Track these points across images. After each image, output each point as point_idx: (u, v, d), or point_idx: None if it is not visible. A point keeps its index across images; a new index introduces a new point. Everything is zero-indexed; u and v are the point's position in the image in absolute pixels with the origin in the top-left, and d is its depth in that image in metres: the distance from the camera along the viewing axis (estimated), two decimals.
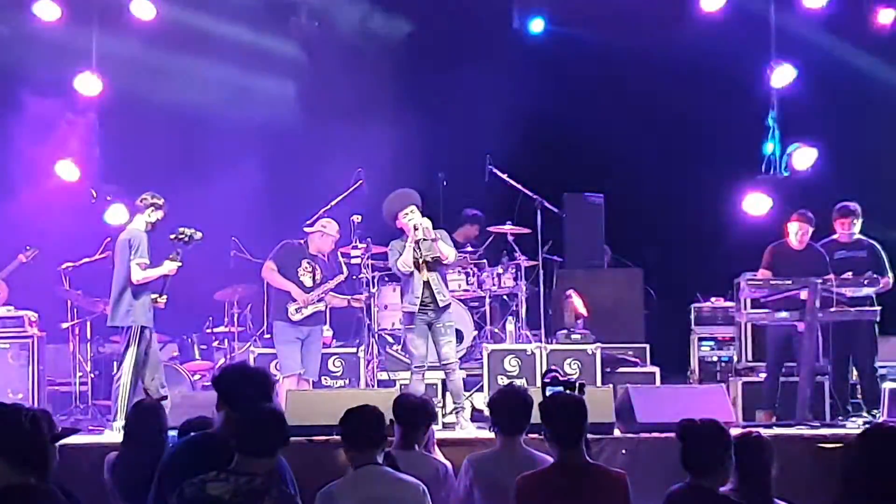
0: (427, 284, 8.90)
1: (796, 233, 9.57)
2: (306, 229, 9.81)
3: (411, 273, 8.88)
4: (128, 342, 9.01)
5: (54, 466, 3.93)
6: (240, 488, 4.27)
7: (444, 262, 8.99)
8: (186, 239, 9.15)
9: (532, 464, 5.26)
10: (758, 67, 11.33)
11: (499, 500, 5.18)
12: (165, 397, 7.71)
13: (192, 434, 5.04)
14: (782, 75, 11.18)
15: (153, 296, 9.10)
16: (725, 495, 4.61)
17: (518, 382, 9.23)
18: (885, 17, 11.18)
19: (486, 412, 5.82)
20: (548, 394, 5.37)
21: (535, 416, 5.43)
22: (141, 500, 5.10)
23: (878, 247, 9.70)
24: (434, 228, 9.00)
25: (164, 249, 9.17)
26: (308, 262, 9.75)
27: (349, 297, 10.17)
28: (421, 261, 8.88)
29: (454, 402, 9.04)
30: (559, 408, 5.04)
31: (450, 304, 9.13)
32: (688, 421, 4.71)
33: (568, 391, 5.41)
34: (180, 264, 9.16)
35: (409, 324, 9.02)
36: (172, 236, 9.15)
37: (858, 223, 9.74)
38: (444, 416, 9.18)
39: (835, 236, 9.80)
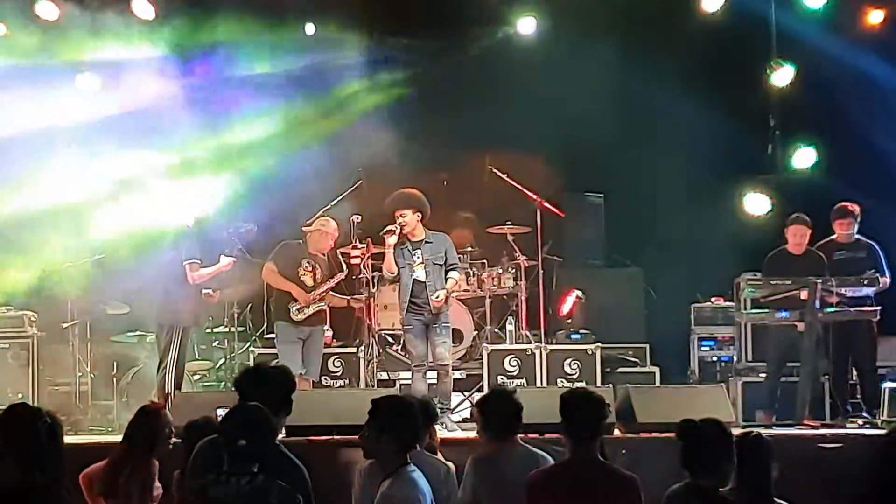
0: (423, 286, 8.97)
1: (794, 237, 9.59)
2: (304, 229, 9.81)
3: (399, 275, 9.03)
4: (170, 340, 9.01)
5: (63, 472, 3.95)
6: (242, 489, 4.26)
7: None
8: (242, 233, 9.19)
9: (535, 461, 5.26)
10: (758, 67, 11.32)
11: (504, 500, 5.18)
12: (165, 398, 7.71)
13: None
14: (782, 75, 11.18)
15: (204, 291, 9.14)
16: (725, 495, 4.60)
17: (517, 383, 9.24)
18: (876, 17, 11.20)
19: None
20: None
21: (529, 417, 5.47)
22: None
23: (878, 247, 9.70)
24: (432, 230, 9.13)
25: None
26: (308, 262, 9.73)
27: (349, 297, 10.17)
28: (417, 263, 8.96)
29: (440, 403, 9.03)
30: (578, 402, 5.02)
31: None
32: (688, 421, 4.71)
33: None
34: (234, 258, 9.20)
35: (406, 324, 9.12)
36: (228, 231, 9.19)
37: (857, 223, 9.75)
38: None
39: (834, 237, 9.79)
